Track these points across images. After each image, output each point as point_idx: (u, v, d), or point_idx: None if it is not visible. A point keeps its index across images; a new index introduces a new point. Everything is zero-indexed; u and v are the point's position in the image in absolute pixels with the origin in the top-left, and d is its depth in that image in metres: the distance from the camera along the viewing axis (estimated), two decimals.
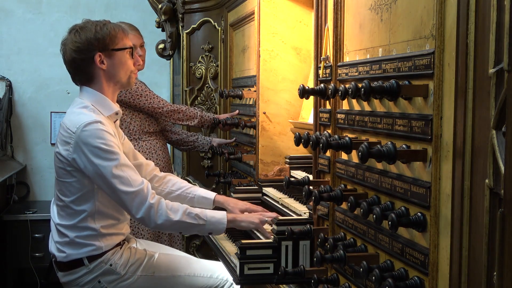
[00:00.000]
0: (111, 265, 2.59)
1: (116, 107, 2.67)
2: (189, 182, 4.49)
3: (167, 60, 5.45)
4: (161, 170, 3.71)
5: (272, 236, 2.42)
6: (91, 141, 2.46)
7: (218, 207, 2.92)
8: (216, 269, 2.83)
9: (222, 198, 2.91)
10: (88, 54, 2.57)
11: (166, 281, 2.70)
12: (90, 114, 2.54)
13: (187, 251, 4.51)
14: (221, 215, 2.63)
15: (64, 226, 2.60)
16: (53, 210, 2.69)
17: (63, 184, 2.58)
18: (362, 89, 1.64)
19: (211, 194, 2.90)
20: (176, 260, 2.78)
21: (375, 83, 1.64)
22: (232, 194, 3.26)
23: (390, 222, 1.53)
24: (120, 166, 2.48)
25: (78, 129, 2.48)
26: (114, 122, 2.68)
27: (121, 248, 2.66)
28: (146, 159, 3.68)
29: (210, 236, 3.26)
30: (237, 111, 3.81)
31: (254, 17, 3.37)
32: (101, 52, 2.57)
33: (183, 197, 2.90)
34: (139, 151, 3.69)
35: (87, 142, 2.46)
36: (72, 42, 2.59)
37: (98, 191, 2.56)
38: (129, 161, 2.56)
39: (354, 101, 1.96)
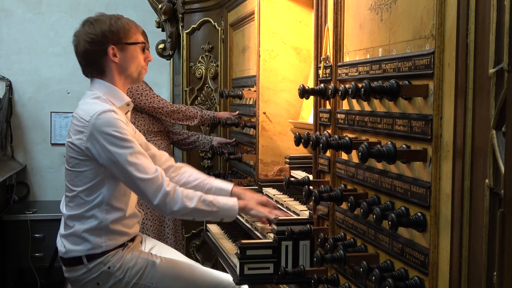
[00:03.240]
0: (109, 267, 2.57)
1: (127, 98, 2.68)
2: None
3: (167, 60, 5.45)
4: None
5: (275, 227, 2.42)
6: (105, 129, 2.47)
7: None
8: (220, 281, 2.78)
9: (239, 190, 2.89)
10: (102, 46, 2.59)
11: None
12: (103, 104, 2.56)
13: (187, 251, 4.51)
14: (233, 202, 2.68)
15: (71, 216, 2.60)
16: (62, 203, 2.70)
17: (74, 174, 2.58)
18: (362, 89, 1.64)
19: (228, 186, 2.89)
20: (178, 270, 2.73)
21: (375, 83, 1.64)
22: None
23: (390, 222, 1.53)
24: (135, 154, 2.49)
25: (92, 117, 2.48)
26: (126, 114, 2.70)
27: (123, 249, 2.64)
28: None
29: (210, 236, 3.27)
30: (237, 112, 3.81)
31: (254, 17, 3.37)
32: (114, 45, 2.60)
33: (200, 188, 2.87)
34: None
35: (102, 130, 2.47)
36: (86, 34, 2.60)
37: (108, 181, 2.56)
38: (142, 148, 2.57)
39: (354, 101, 1.96)
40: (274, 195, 2.99)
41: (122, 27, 2.62)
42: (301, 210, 2.56)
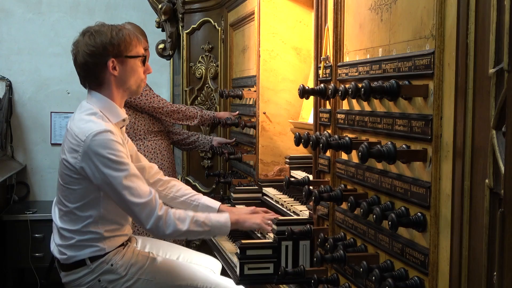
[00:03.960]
0: (112, 265, 2.58)
1: (124, 114, 2.64)
2: (188, 182, 4.50)
3: (167, 60, 5.45)
4: (165, 171, 3.72)
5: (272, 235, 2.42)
6: (101, 151, 2.43)
7: None
8: (221, 281, 2.79)
9: (226, 208, 2.91)
10: (102, 59, 2.53)
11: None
12: (99, 122, 2.50)
13: None
14: (224, 218, 2.66)
15: (67, 230, 2.59)
16: (55, 212, 2.67)
17: (68, 190, 2.56)
18: (362, 89, 1.64)
19: (215, 204, 2.90)
20: (179, 267, 2.75)
21: (375, 83, 1.64)
22: (232, 194, 3.26)
23: (390, 222, 1.53)
24: (130, 177, 2.46)
25: (87, 138, 2.44)
26: (121, 128, 2.67)
27: (124, 248, 2.65)
28: (151, 159, 3.69)
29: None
30: (237, 112, 3.81)
31: (254, 17, 3.37)
32: (114, 58, 2.53)
33: (187, 204, 2.89)
34: (144, 151, 3.70)
35: (97, 152, 2.43)
36: (86, 45, 2.53)
37: (103, 198, 2.54)
38: (137, 170, 2.54)
39: (354, 101, 1.96)
40: (274, 195, 3.00)
41: (123, 40, 2.55)
42: (301, 210, 2.56)
